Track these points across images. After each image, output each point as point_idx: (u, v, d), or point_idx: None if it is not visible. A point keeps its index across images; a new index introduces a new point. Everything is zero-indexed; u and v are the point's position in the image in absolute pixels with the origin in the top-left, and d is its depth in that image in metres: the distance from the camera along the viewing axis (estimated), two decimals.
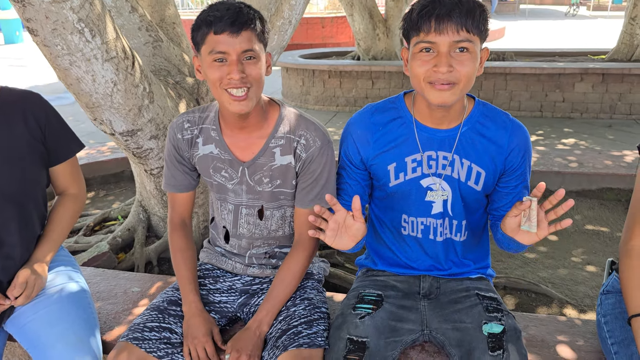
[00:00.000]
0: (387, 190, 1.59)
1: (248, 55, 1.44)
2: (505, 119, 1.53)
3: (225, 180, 1.66)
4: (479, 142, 1.52)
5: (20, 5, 1.63)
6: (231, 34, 1.40)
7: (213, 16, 1.40)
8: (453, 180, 1.53)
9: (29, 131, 1.61)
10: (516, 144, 1.51)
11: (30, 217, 1.67)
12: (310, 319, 1.58)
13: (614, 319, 1.53)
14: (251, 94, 1.47)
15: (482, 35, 1.36)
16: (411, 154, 1.54)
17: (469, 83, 1.38)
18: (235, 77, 1.43)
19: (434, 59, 1.35)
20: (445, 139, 1.52)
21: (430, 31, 1.33)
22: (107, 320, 1.85)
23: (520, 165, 1.53)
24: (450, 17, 1.31)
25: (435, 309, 1.60)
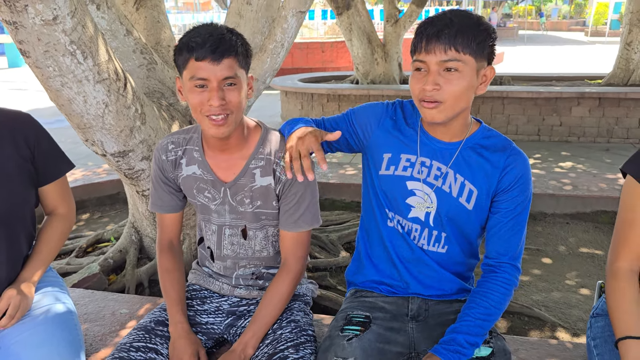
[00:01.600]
0: (377, 176, 1.60)
1: (229, 82, 1.45)
2: (506, 144, 1.53)
3: (208, 200, 1.66)
4: (476, 161, 1.52)
5: (13, 27, 1.65)
6: (212, 61, 1.41)
7: (195, 42, 1.41)
8: (443, 194, 1.53)
9: (17, 151, 1.62)
10: (512, 167, 1.49)
11: (17, 237, 1.66)
12: (297, 342, 1.57)
13: (603, 342, 1.51)
14: (230, 119, 1.48)
15: (477, 54, 1.37)
16: (407, 153, 1.56)
17: (457, 102, 1.39)
18: (215, 104, 1.43)
19: (424, 77, 1.38)
20: (444, 151, 1.53)
21: (422, 51, 1.36)
22: (93, 342, 1.83)
23: (512, 187, 1.49)
24: (438, 38, 1.33)
25: (424, 331, 1.58)
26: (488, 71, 1.43)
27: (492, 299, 1.48)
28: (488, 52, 1.40)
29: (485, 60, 1.41)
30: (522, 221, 1.52)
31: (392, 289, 1.66)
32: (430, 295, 1.65)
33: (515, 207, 1.50)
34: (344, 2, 7.65)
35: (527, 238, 3.15)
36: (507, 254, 1.52)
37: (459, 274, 1.65)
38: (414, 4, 8.07)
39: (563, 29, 35.75)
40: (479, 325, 1.45)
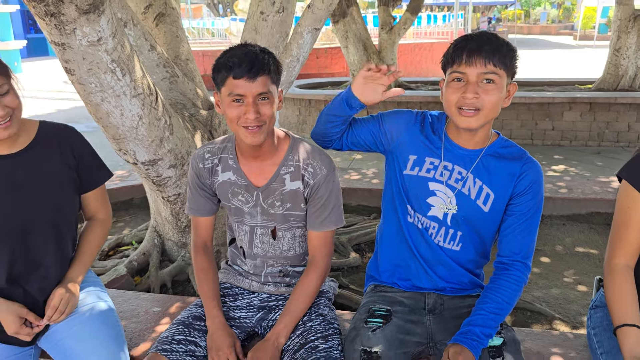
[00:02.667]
0: (401, 174, 1.76)
1: (262, 97, 1.62)
2: (522, 153, 1.70)
3: (242, 204, 1.82)
4: (495, 167, 1.68)
5: (61, 48, 1.80)
6: (248, 79, 1.57)
7: (232, 62, 1.57)
8: (463, 196, 1.69)
9: (64, 161, 1.77)
10: (527, 173, 1.65)
11: (64, 240, 1.81)
12: (325, 334, 1.72)
13: (602, 331, 1.67)
14: (263, 129, 1.65)
15: (508, 70, 1.55)
16: (432, 157, 1.72)
17: (492, 110, 1.56)
18: (251, 117, 1.60)
19: (463, 87, 1.55)
20: (465, 157, 1.69)
21: (462, 63, 1.53)
22: (132, 338, 1.98)
23: (526, 192, 1.65)
24: (479, 52, 1.51)
25: (440, 323, 1.74)
26: (511, 87, 1.61)
27: (504, 294, 1.64)
28: (514, 69, 1.58)
29: (511, 77, 1.58)
30: (535, 223, 1.68)
31: (410, 282, 1.82)
32: (445, 288, 1.81)
33: (529, 210, 1.66)
34: (340, 10, 7.83)
35: None
36: (519, 253, 1.68)
37: (470, 270, 1.81)
38: (408, 12, 8.26)
39: (552, 33, 36.22)
40: (492, 319, 1.61)
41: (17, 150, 1.70)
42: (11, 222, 1.66)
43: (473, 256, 1.79)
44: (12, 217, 1.66)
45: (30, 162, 1.71)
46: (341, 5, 7.75)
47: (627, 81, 7.63)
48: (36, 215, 1.70)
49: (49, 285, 1.77)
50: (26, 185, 1.69)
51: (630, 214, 1.57)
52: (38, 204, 1.70)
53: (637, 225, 1.57)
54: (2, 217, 1.65)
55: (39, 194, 1.70)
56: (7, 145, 1.67)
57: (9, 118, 1.58)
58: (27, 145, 1.71)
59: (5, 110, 1.55)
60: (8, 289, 1.70)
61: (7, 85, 1.58)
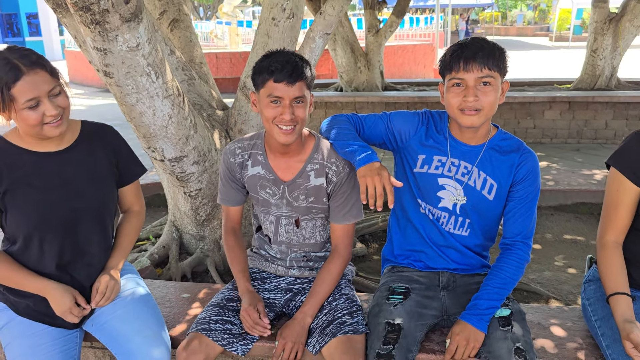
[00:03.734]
0: (411, 172, 1.95)
1: (298, 100, 1.79)
2: (520, 144, 1.89)
3: (269, 196, 1.99)
4: (496, 159, 1.88)
5: (102, 53, 1.96)
6: (288, 84, 1.75)
7: (275, 67, 1.74)
8: (470, 188, 1.89)
9: (106, 157, 1.92)
10: (525, 163, 1.85)
11: (107, 229, 1.96)
12: (351, 310, 1.91)
13: (595, 301, 1.89)
14: (297, 129, 1.83)
15: (501, 71, 1.75)
16: (439, 155, 1.91)
17: (491, 109, 1.76)
18: (287, 118, 1.78)
19: (463, 91, 1.74)
20: (470, 152, 1.89)
21: (460, 70, 1.72)
22: (167, 320, 2.13)
23: (525, 179, 1.85)
24: (475, 58, 1.70)
25: (453, 298, 1.94)
26: (504, 85, 1.81)
27: (507, 271, 1.85)
28: (506, 69, 1.78)
29: (504, 75, 1.78)
30: (533, 207, 1.89)
31: (424, 264, 2.02)
32: (456, 269, 2.01)
33: (527, 195, 1.87)
34: None
35: None
36: (520, 234, 1.89)
37: (479, 253, 2.02)
38: (393, 15, 8.49)
39: (528, 34, 36.93)
40: (497, 293, 1.82)
41: (65, 147, 1.84)
42: (61, 214, 1.80)
43: (480, 240, 1.99)
44: (62, 209, 1.80)
45: (77, 158, 1.85)
46: None
47: (604, 81, 7.96)
48: (83, 208, 1.85)
49: (94, 272, 1.92)
50: (74, 180, 1.83)
51: (619, 196, 1.79)
52: (85, 197, 1.85)
53: (624, 206, 1.78)
54: (54, 210, 1.79)
55: (86, 188, 1.85)
56: (56, 143, 1.82)
57: (61, 117, 1.72)
58: (73, 142, 1.86)
59: (57, 109, 1.68)
60: (57, 276, 1.84)
61: (59, 87, 1.72)
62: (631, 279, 1.81)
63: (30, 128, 1.68)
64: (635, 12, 7.42)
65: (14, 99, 1.61)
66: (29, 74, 1.61)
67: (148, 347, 1.82)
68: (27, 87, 1.61)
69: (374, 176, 1.71)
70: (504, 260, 1.88)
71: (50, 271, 1.84)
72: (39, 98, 1.63)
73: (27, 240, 1.79)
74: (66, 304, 1.80)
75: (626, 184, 1.77)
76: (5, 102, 1.61)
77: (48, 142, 1.79)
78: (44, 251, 1.80)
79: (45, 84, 1.65)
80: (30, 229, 1.77)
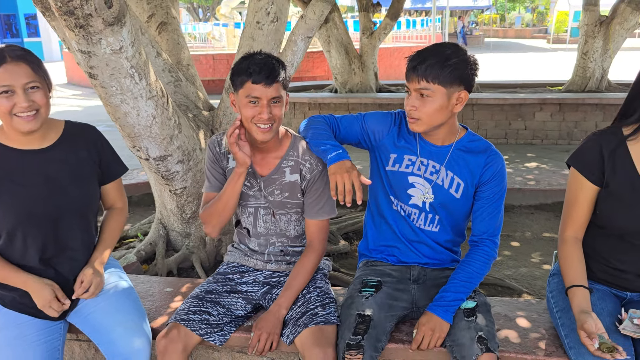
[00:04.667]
0: (384, 170, 2.03)
1: (275, 100, 1.88)
2: (487, 146, 1.97)
3: (247, 188, 2.08)
4: (463, 159, 1.96)
5: (87, 55, 2.04)
6: (265, 85, 1.84)
7: (253, 69, 1.83)
8: (438, 187, 1.97)
9: (89, 155, 2.00)
10: (491, 164, 1.93)
11: (89, 225, 2.04)
12: (323, 302, 1.99)
13: (558, 293, 1.97)
14: (274, 127, 1.91)
15: (446, 83, 1.77)
16: (410, 155, 1.99)
17: (432, 118, 1.83)
18: (264, 117, 1.87)
19: (408, 98, 1.84)
20: (438, 153, 1.97)
21: (407, 80, 1.82)
22: (150, 313, 2.22)
23: (491, 180, 1.93)
24: (415, 70, 1.78)
25: (423, 291, 2.03)
26: (463, 94, 1.83)
27: (474, 266, 1.94)
28: (462, 79, 1.79)
29: (459, 86, 1.80)
30: (499, 206, 1.97)
31: (397, 258, 2.10)
32: (427, 263, 2.09)
33: (494, 196, 1.95)
34: None
35: None
36: (487, 232, 1.97)
37: (449, 248, 2.10)
38: (387, 17, 8.58)
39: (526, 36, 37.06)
40: (463, 286, 1.91)
41: (48, 145, 1.92)
42: (45, 210, 1.88)
43: (450, 236, 2.07)
44: (45, 205, 1.88)
45: (60, 156, 1.93)
46: None
47: (595, 83, 8.05)
48: (66, 205, 1.92)
49: (78, 266, 2.00)
50: (58, 177, 1.91)
51: (577, 194, 1.87)
52: (68, 194, 1.92)
53: (582, 203, 1.87)
54: (37, 206, 1.87)
55: (69, 186, 1.92)
56: (38, 141, 1.89)
57: (34, 112, 1.77)
58: (55, 140, 1.93)
59: (29, 103, 1.74)
60: (41, 270, 1.92)
61: (39, 84, 1.78)
62: (590, 272, 1.89)
63: (2, 116, 1.76)
64: (625, 15, 7.51)
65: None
66: (10, 64, 1.71)
67: (129, 337, 1.91)
68: (5, 75, 1.71)
69: (343, 173, 1.80)
70: (472, 256, 1.96)
71: (34, 265, 1.91)
72: (14, 87, 1.72)
73: (10, 235, 1.86)
74: (46, 297, 1.86)
75: (584, 183, 1.85)
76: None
77: (31, 140, 1.87)
78: (27, 246, 1.88)
79: (24, 77, 1.73)
80: (14, 225, 1.84)
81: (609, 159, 1.81)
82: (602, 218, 1.86)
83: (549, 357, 1.86)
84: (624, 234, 1.83)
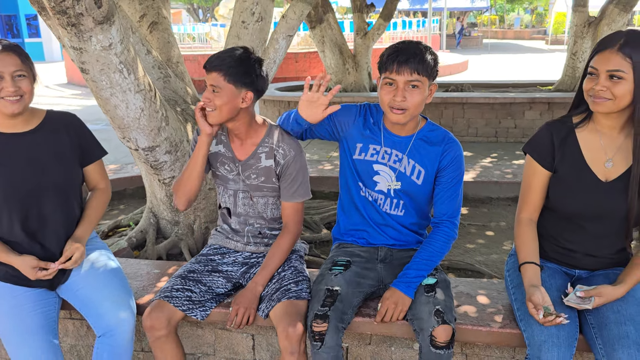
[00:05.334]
0: (352, 158, 2.19)
1: (214, 89, 2.02)
2: (445, 135, 2.13)
3: (227, 172, 2.25)
4: (424, 148, 2.12)
5: (79, 52, 2.20)
6: (208, 72, 2.03)
7: (210, 59, 2.02)
8: (401, 174, 2.13)
9: (70, 139, 2.18)
10: (449, 151, 2.09)
11: (71, 203, 2.20)
12: (296, 280, 2.15)
13: (513, 272, 2.13)
14: (215, 113, 2.06)
15: (430, 76, 1.96)
16: (374, 144, 2.15)
17: (416, 109, 1.99)
18: (201, 102, 2.07)
19: (393, 90, 1.97)
20: (401, 142, 2.13)
21: (393, 71, 1.94)
22: (137, 292, 2.38)
23: (449, 166, 2.09)
24: (407, 63, 1.92)
25: (389, 270, 2.18)
26: (433, 87, 2.03)
27: (435, 245, 2.10)
28: (434, 72, 1.99)
29: (433, 79, 2.00)
30: (458, 190, 2.13)
31: (366, 240, 2.26)
32: (394, 245, 2.25)
33: (452, 180, 2.11)
34: (316, 17, 8.27)
35: (475, 216, 3.83)
36: (447, 214, 2.13)
37: (415, 231, 2.26)
38: (381, 18, 8.75)
39: (525, 37, 37.24)
40: (425, 264, 2.07)
41: (30, 129, 2.11)
42: (27, 186, 2.06)
43: (415, 219, 2.23)
44: (28, 182, 2.06)
45: (43, 138, 2.12)
46: (318, 12, 8.20)
47: None
48: (49, 183, 2.10)
49: (61, 240, 2.16)
50: (40, 157, 2.09)
51: (532, 180, 2.03)
52: (49, 173, 2.10)
53: (536, 188, 2.02)
54: (20, 182, 2.05)
55: (50, 165, 2.11)
56: (22, 124, 2.09)
57: (19, 98, 1.99)
58: (38, 125, 2.13)
59: (15, 88, 1.97)
60: (28, 244, 2.09)
61: (25, 73, 2.01)
62: (543, 251, 2.05)
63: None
64: (613, 16, 7.66)
65: None
66: (1, 54, 1.94)
67: (115, 311, 2.08)
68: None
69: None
70: (433, 236, 2.13)
71: (20, 240, 2.08)
72: (3, 74, 1.95)
73: None
74: (30, 264, 2.02)
75: (537, 168, 2.01)
76: None
77: (15, 124, 2.08)
78: (12, 220, 2.05)
79: (12, 65, 1.97)
80: (1, 201, 2.03)
81: (559, 146, 1.97)
82: (552, 202, 2.01)
83: (502, 329, 2.02)
84: (571, 216, 1.99)
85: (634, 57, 1.73)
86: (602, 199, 1.91)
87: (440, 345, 1.86)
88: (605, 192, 1.90)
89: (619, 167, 1.91)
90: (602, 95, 1.79)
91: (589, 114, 1.96)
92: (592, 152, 1.93)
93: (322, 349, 1.90)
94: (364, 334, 2.23)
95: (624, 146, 1.91)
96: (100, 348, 2.05)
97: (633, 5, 7.60)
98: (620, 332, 1.76)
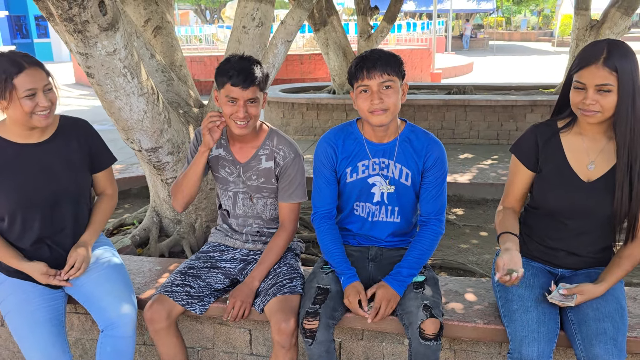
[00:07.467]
0: (345, 185, 2.26)
1: (251, 100, 2.13)
2: (426, 136, 2.21)
3: (227, 174, 2.34)
4: (407, 150, 2.20)
5: (84, 57, 2.30)
6: (242, 89, 2.09)
7: (232, 73, 2.08)
8: (392, 179, 2.20)
9: (80, 146, 2.26)
10: (432, 152, 2.17)
11: (82, 208, 2.30)
12: (291, 276, 2.25)
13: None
14: (250, 124, 2.17)
15: (399, 75, 2.05)
16: (362, 160, 2.20)
17: (396, 108, 2.07)
18: (240, 115, 2.12)
19: (369, 96, 2.04)
20: (386, 149, 2.19)
21: (364, 78, 2.02)
22: (139, 287, 2.48)
23: (433, 166, 2.17)
24: (375, 67, 2.00)
25: (379, 268, 2.27)
26: (404, 86, 2.11)
27: (424, 243, 2.18)
28: (403, 72, 2.07)
29: (402, 78, 2.08)
30: (442, 188, 2.21)
31: (358, 242, 2.34)
32: (385, 245, 2.33)
33: (436, 179, 2.19)
34: (320, 19, 8.36)
35: (470, 218, 3.91)
36: (433, 212, 2.21)
37: (405, 233, 2.34)
38: (384, 21, 8.82)
39: (532, 39, 37.19)
40: (416, 262, 2.15)
41: (45, 139, 2.18)
42: (42, 195, 2.15)
43: (405, 222, 2.31)
44: (41, 191, 2.15)
45: (56, 148, 2.19)
46: (322, 15, 8.29)
47: None
48: (61, 191, 2.19)
49: (71, 244, 2.25)
50: (53, 167, 2.17)
51: (515, 177, 2.13)
52: (62, 181, 2.19)
53: (519, 185, 2.13)
54: (34, 191, 2.13)
55: (63, 174, 2.19)
56: (38, 135, 2.16)
57: (49, 110, 2.07)
58: (52, 134, 2.20)
59: (48, 102, 2.05)
60: (36, 248, 2.18)
61: (51, 84, 2.09)
62: (527, 250, 2.14)
63: (22, 115, 2.02)
64: (615, 19, 7.69)
65: (16, 88, 1.97)
66: (29, 69, 2.00)
67: (117, 304, 2.17)
68: (27, 79, 1.99)
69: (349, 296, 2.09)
70: (421, 234, 2.21)
71: (26, 247, 2.17)
72: (36, 90, 2.01)
73: (11, 218, 2.14)
74: (39, 270, 2.13)
75: (520, 168, 2.10)
76: (8, 90, 1.97)
77: (31, 134, 2.14)
78: (26, 228, 2.15)
79: (42, 80, 2.03)
80: (15, 210, 2.12)
81: (543, 147, 2.06)
82: (536, 198, 2.10)
83: (487, 325, 2.10)
84: (553, 213, 2.06)
85: (618, 69, 1.80)
86: (583, 197, 1.98)
87: (429, 337, 1.94)
88: (586, 191, 1.98)
89: (601, 169, 1.99)
90: (592, 109, 1.86)
91: (573, 119, 2.04)
92: (575, 154, 2.02)
93: (314, 344, 1.99)
94: (356, 330, 2.32)
95: (606, 149, 1.98)
96: (104, 342, 2.15)
97: (635, 8, 7.63)
98: (599, 329, 1.84)
